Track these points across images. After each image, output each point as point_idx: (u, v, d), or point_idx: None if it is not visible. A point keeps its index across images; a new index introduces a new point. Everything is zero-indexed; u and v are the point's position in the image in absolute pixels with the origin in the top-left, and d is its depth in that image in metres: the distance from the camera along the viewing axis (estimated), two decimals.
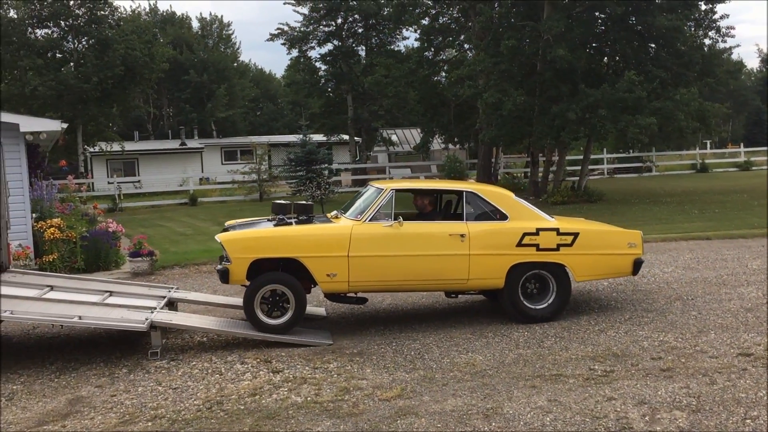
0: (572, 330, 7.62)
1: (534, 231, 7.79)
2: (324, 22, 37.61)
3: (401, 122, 40.19)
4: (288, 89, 53.99)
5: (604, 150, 36.32)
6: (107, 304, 7.73)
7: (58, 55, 33.54)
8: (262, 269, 7.51)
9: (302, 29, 37.68)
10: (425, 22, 28.32)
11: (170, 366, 6.77)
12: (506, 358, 6.71)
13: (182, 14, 62.96)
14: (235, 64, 63.66)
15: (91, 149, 36.26)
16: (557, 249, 7.84)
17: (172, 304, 8.40)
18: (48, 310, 7.20)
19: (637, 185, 29.17)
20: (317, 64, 39.35)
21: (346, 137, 39.48)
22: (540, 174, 25.06)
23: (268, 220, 8.20)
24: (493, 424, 5.11)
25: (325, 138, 39.18)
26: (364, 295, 8.13)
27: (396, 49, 37.95)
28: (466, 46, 29.02)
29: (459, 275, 7.69)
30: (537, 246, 7.78)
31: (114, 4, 33.71)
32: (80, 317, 7.02)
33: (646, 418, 5.13)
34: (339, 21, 37.66)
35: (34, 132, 13.12)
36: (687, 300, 8.82)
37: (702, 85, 23.59)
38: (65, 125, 18.13)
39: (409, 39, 76.51)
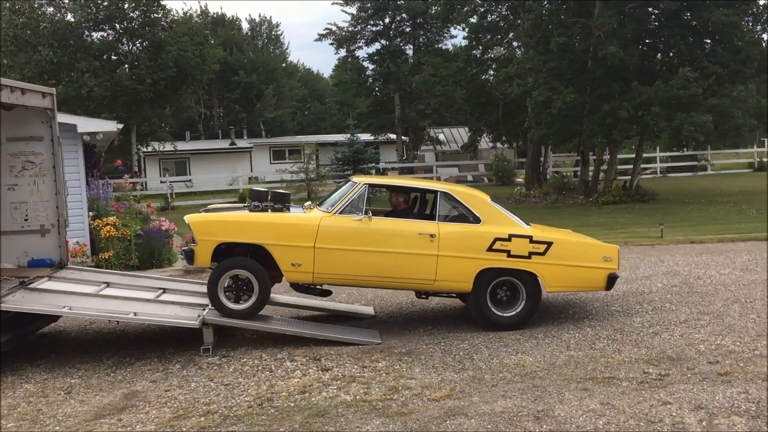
0: (625, 332, 7.48)
1: (506, 237, 7.60)
2: (372, 22, 37.79)
3: (449, 121, 40.07)
4: (335, 89, 54.37)
5: (657, 148, 35.55)
6: (161, 301, 7.89)
7: (113, 57, 34.36)
8: (232, 254, 7.51)
9: (350, 29, 37.91)
10: (473, 20, 28.14)
11: (222, 362, 6.87)
12: (557, 360, 6.62)
13: (232, 16, 63.98)
14: (284, 65, 64.36)
15: (145, 149, 37.06)
16: (529, 257, 7.63)
17: None
18: (104, 307, 7.39)
19: (692, 184, 28.47)
20: (365, 64, 39.61)
21: (393, 136, 39.56)
22: (590, 173, 24.66)
23: (244, 206, 8.16)
24: (544, 426, 5.05)
25: (372, 137, 39.29)
26: (329, 287, 8.08)
27: (444, 47, 37.89)
28: (515, 43, 28.76)
29: (426, 275, 7.56)
30: (508, 252, 7.59)
31: (167, 6, 34.35)
32: (135, 313, 7.19)
33: (704, 423, 5.00)
34: (386, 20, 37.77)
35: (91, 132, 13.49)
36: (745, 303, 8.56)
37: (760, 81, 22.87)
38: (120, 126, 18.56)
39: (457, 37, 76.38)
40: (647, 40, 23.63)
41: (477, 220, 7.70)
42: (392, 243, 7.48)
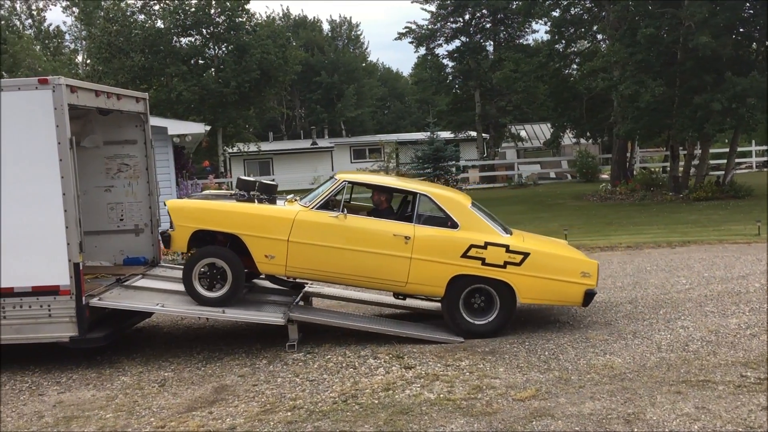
0: (720, 333, 7.16)
1: (482, 244, 7.39)
2: (451, 19, 37.54)
3: (530, 117, 39.43)
4: (415, 87, 54.34)
5: (753, 142, 33.91)
6: (248, 300, 8.09)
7: (200, 61, 35.46)
8: (215, 242, 7.54)
9: (429, 27, 37.78)
10: (556, 13, 27.57)
11: (306, 359, 6.99)
12: (647, 362, 6.41)
13: (313, 17, 64.95)
14: (364, 64, 64.81)
15: (230, 150, 38.10)
16: (504, 266, 7.40)
17: (307, 299, 8.67)
18: (194, 304, 7.64)
19: None
20: (444, 61, 39.34)
21: (473, 134, 39.22)
22: (680, 168, 23.76)
23: (231, 195, 8.14)
24: (635, 429, 4.89)
25: (452, 135, 39.09)
26: (303, 281, 8.06)
27: (525, 42, 37.26)
28: (600, 36, 27.99)
29: (398, 277, 7.44)
30: (483, 260, 7.38)
31: (251, 11, 35.12)
32: (224, 311, 7.40)
33: None
34: (466, 17, 37.45)
35: (180, 135, 13.98)
36: None
37: None
38: (208, 128, 19.15)
39: (539, 32, 74.92)
40: (741, 29, 22.55)
41: (454, 225, 7.53)
42: (366, 242, 7.42)
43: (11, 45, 42.94)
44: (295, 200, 7.88)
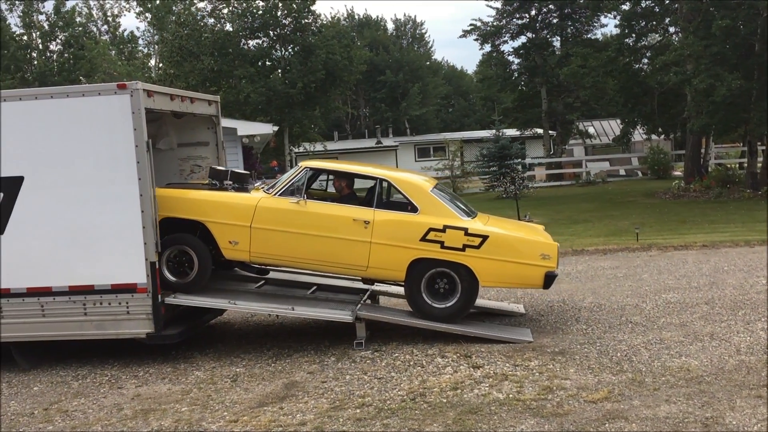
0: None
1: (440, 228, 7.33)
2: (517, 15, 37.09)
3: (598, 113, 38.58)
4: (480, 85, 53.97)
5: None
6: (316, 298, 8.20)
7: (267, 63, 36.07)
8: (189, 230, 7.56)
9: (495, 24, 37.43)
10: (626, 7, 26.88)
11: (374, 356, 7.03)
12: (726, 365, 6.19)
13: (377, 16, 65.16)
14: (428, 63, 64.66)
15: (296, 150, 38.63)
16: (462, 249, 7.32)
17: (374, 297, 8.72)
18: (264, 301, 7.81)
19: None
20: (510, 58, 38.92)
21: (539, 131, 38.66)
22: (759, 164, 22.84)
23: (204, 184, 8.16)
24: None
25: (518, 132, 38.63)
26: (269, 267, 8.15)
27: (593, 37, 36.49)
28: (672, 29, 27.15)
29: (358, 261, 7.44)
30: (441, 243, 7.32)
31: (316, 12, 35.49)
32: (293, 308, 7.54)
33: None
34: (533, 12, 36.94)
35: (249, 135, 14.27)
36: None
37: None
38: (276, 128, 19.46)
39: (608, 26, 73.29)
40: None
41: (414, 210, 7.50)
42: (326, 227, 7.45)
43: (88, 50, 44.70)
44: (261, 188, 8.01)
